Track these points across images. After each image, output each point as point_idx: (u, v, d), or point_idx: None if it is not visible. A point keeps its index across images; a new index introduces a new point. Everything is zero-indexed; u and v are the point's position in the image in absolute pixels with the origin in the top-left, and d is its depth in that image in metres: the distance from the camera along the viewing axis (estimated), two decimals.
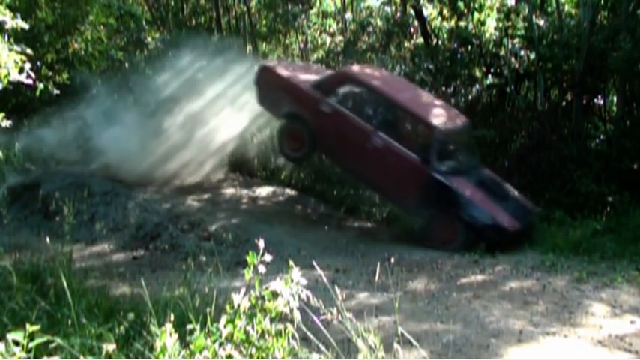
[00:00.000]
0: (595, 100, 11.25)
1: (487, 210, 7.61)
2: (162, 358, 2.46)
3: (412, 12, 12.20)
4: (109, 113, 10.16)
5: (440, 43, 12.09)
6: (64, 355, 2.59)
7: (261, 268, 2.61)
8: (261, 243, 2.62)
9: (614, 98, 11.10)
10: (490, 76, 11.54)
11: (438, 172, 7.74)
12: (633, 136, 9.85)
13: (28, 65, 5.07)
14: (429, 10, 12.28)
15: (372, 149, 7.94)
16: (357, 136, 8.04)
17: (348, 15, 12.78)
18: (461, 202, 7.62)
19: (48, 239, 4.54)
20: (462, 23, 11.44)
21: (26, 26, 5.32)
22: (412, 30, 12.09)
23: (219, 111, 10.01)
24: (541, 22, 11.13)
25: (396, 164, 7.88)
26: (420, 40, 12.10)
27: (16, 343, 2.20)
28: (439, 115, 8.27)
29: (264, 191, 10.30)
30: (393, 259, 4.93)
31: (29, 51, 5.19)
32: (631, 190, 9.01)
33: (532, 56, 11.00)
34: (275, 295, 2.59)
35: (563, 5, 11.63)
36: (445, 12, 11.92)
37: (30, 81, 5.11)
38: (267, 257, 2.63)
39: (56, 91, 8.21)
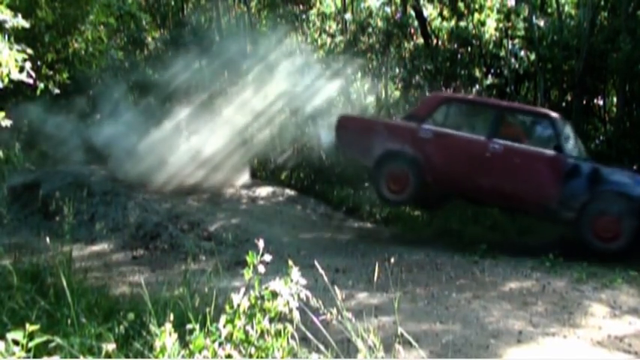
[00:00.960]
0: (595, 100, 11.27)
1: None
2: (161, 358, 2.45)
3: (412, 12, 12.21)
4: (110, 112, 10.17)
5: (440, 43, 12.10)
6: (64, 354, 2.59)
7: (261, 268, 2.60)
8: (261, 243, 2.62)
9: (614, 99, 11.12)
10: (490, 76, 11.56)
11: (573, 157, 7.30)
12: (633, 137, 9.87)
13: (28, 65, 5.06)
14: (429, 11, 12.30)
15: (492, 157, 7.49)
16: (471, 148, 7.65)
17: (348, 15, 12.78)
18: (613, 179, 6.98)
19: (48, 239, 4.55)
20: (462, 24, 11.45)
21: (27, 25, 5.31)
22: (412, 30, 12.10)
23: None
24: (541, 23, 11.15)
25: (525, 164, 7.40)
26: (420, 41, 12.10)
27: (16, 342, 2.20)
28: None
29: (264, 191, 10.29)
30: (392, 260, 4.92)
31: (29, 50, 5.18)
32: None
33: (532, 57, 11.02)
34: (275, 295, 2.59)
35: (563, 6, 11.65)
36: (445, 12, 11.94)
37: (30, 80, 5.10)
38: (267, 257, 2.63)
39: (56, 91, 8.21)
